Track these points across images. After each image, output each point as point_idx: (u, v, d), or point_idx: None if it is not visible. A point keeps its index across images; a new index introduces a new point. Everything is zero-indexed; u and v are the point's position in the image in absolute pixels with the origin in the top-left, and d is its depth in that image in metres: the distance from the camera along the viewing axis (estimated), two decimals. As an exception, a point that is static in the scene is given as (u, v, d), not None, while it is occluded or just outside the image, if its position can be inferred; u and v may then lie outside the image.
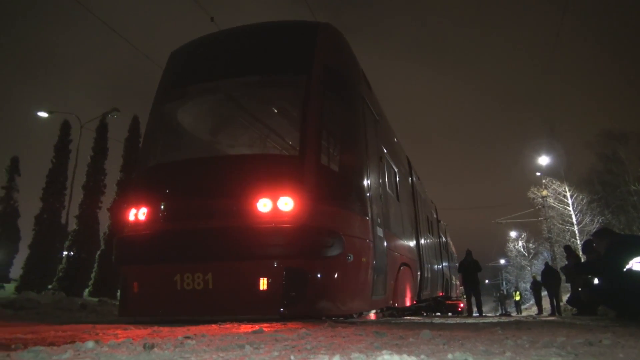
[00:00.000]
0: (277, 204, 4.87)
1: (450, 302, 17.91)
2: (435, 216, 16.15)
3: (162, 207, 5.37)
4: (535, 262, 55.94)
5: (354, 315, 6.09)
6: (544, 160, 31.85)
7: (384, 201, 7.20)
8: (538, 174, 35.59)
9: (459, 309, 17.97)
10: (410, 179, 11.02)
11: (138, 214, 5.49)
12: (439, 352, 1.94)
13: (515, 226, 53.94)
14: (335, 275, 5.06)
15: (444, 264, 16.29)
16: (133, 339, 2.05)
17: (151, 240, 5.24)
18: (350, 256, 5.20)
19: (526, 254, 57.87)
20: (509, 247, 60.51)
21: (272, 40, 6.30)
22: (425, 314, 13.75)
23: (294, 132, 5.77)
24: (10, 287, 29.48)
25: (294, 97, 6.01)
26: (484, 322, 5.53)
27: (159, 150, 6.24)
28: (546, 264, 17.69)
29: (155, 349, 1.75)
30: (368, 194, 6.19)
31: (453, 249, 24.94)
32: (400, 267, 7.86)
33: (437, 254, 14.69)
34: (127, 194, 6.06)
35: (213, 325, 3.47)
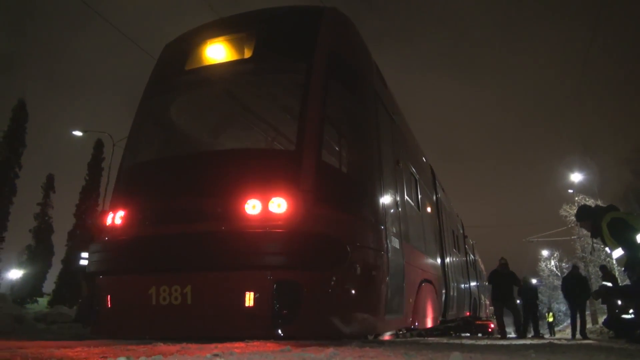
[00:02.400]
0: (268, 206, 4.24)
1: (479, 322, 17.43)
2: (461, 231, 15.43)
3: (138, 210, 4.82)
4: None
5: (369, 337, 5.51)
6: (576, 177, 31.07)
7: (402, 210, 6.51)
8: (570, 191, 34.70)
9: (490, 330, 17.47)
10: (433, 189, 10.24)
11: (115, 218, 4.92)
12: (471, 375, 1.89)
13: (546, 245, 52.46)
14: (338, 291, 4.40)
15: (471, 282, 15.75)
16: (163, 356, 2.07)
17: (124, 247, 4.67)
18: (357, 268, 4.57)
19: (559, 274, 56.09)
20: (540, 266, 58.79)
21: (271, 26, 5.65)
22: (453, 334, 13.41)
23: (292, 125, 5.05)
24: (43, 301, 30.24)
25: (293, 87, 5.37)
26: (516, 345, 5.37)
27: (141, 147, 5.70)
28: (573, 267, 13.83)
29: (185, 367, 1.76)
30: (381, 200, 5.53)
31: (482, 267, 24.32)
32: (421, 284, 7.16)
33: (464, 272, 13.92)
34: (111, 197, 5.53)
35: (240, 342, 3.47)
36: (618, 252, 5.62)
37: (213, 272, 4.18)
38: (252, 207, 4.25)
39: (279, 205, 4.22)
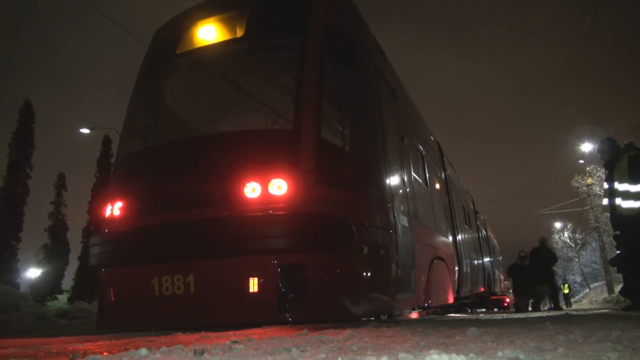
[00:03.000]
0: (268, 188, 4.11)
1: (495, 297, 17.47)
2: (472, 207, 15.26)
3: (136, 199, 4.73)
4: (583, 252, 54.00)
5: (383, 317, 5.53)
6: (586, 147, 30.62)
7: (409, 187, 6.36)
8: (581, 161, 34.34)
9: (505, 304, 17.51)
10: (441, 165, 10.09)
11: (113, 208, 4.82)
12: (488, 349, 1.90)
13: (559, 217, 52.15)
14: (345, 272, 4.33)
15: (484, 258, 15.74)
16: (183, 345, 2.11)
17: (124, 238, 4.57)
18: (364, 248, 4.46)
19: (573, 245, 55.95)
20: (554, 238, 58.63)
21: (263, 2, 5.48)
22: (469, 310, 13.47)
23: (289, 104, 4.90)
24: (62, 298, 30.79)
25: (288, 64, 5.18)
26: (532, 317, 5.39)
27: (136, 136, 5.59)
28: (540, 241, 12.37)
29: (206, 355, 1.80)
30: (387, 178, 5.38)
31: (495, 242, 24.28)
32: (432, 261, 7.08)
33: (476, 248, 13.81)
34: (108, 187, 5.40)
35: (258, 329, 3.52)
36: (630, 187, 5.76)
37: (214, 259, 4.10)
38: (252, 190, 4.13)
39: (279, 187, 4.10)
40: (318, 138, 4.43)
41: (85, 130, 25.00)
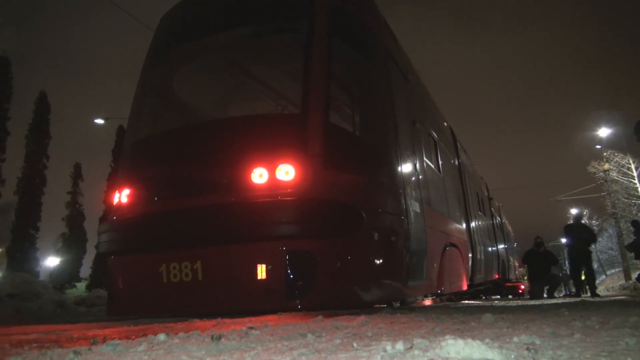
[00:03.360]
0: (276, 174, 4.05)
1: (509, 284, 17.39)
2: (486, 194, 15.08)
3: (143, 186, 4.70)
4: (600, 239, 53.39)
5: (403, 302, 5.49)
6: (604, 132, 30.11)
7: (421, 173, 6.26)
8: (598, 146, 33.74)
9: (520, 291, 17.42)
10: (454, 151, 9.93)
11: (121, 196, 4.80)
12: (503, 335, 1.90)
13: (576, 203, 51.48)
14: (355, 259, 4.25)
15: (499, 244, 15.64)
16: (200, 331, 2.14)
17: (131, 225, 4.55)
18: (374, 235, 4.39)
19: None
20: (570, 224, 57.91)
21: None
22: (484, 297, 13.44)
23: (296, 87, 4.77)
24: (81, 286, 31.37)
25: (295, 46, 5.06)
26: (548, 304, 5.36)
27: (142, 123, 5.52)
28: (576, 218, 11.84)
29: (223, 340, 1.82)
30: (398, 163, 5.27)
31: (509, 228, 24.09)
32: (445, 248, 6.99)
33: (490, 234, 13.67)
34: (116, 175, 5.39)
35: (273, 315, 3.56)
36: None
37: (222, 246, 4.06)
38: (259, 176, 4.07)
39: (287, 172, 4.04)
40: (326, 122, 4.33)
41: (99, 121, 25.21)
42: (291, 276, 3.86)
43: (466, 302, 8.70)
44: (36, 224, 27.57)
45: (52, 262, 33.89)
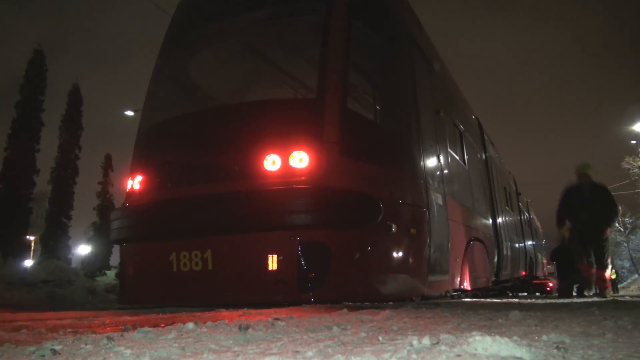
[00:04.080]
0: (289, 161, 3.88)
1: (537, 281, 17.07)
2: (514, 188, 14.70)
3: (154, 173, 4.60)
4: (633, 237, 51.81)
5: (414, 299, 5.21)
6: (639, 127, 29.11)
7: (445, 164, 6.02)
8: (633, 142, 32.67)
9: (548, 289, 17.09)
10: (481, 143, 9.65)
11: (134, 182, 4.72)
12: (532, 333, 1.87)
13: (607, 199, 49.92)
14: (371, 251, 4.08)
15: (527, 241, 15.31)
16: (227, 321, 2.18)
17: (142, 212, 4.47)
18: (392, 226, 4.16)
19: (622, 229, 53.74)
20: (601, 222, 56.31)
21: None
22: (510, 294, 13.24)
23: (313, 71, 4.58)
24: (110, 274, 32.25)
25: (312, 30, 4.85)
26: (577, 303, 5.25)
27: (157, 109, 5.37)
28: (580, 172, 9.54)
29: (250, 330, 1.85)
30: (420, 152, 5.05)
31: (538, 224, 23.57)
32: (469, 242, 6.75)
33: (517, 230, 13.32)
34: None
35: (298, 307, 3.58)
36: None
37: (232, 234, 3.93)
38: (272, 162, 3.91)
39: (301, 159, 3.87)
40: (343, 107, 4.15)
41: (129, 113, 25.71)
42: (303, 268, 3.72)
43: (492, 299, 8.58)
44: (69, 213, 28.41)
45: (83, 250, 34.95)
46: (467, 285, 6.60)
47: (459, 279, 6.17)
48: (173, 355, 1.37)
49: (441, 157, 5.87)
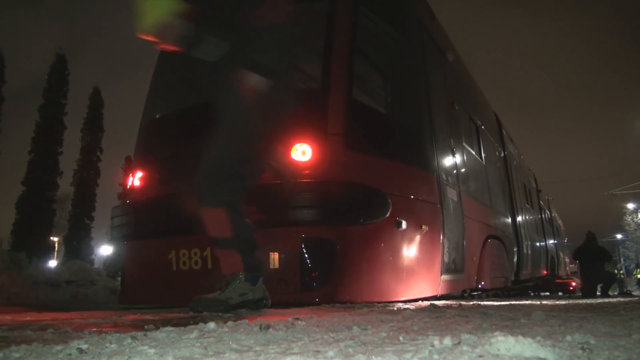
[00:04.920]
0: (291, 154, 3.68)
1: (560, 280, 16.80)
2: (534, 186, 14.47)
3: (152, 169, 4.51)
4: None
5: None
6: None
7: (460, 158, 5.88)
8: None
9: (571, 288, 16.80)
10: (499, 138, 9.47)
11: (134, 179, 4.63)
12: (556, 333, 1.84)
13: (633, 197, 49.01)
14: (380, 248, 3.93)
15: (548, 239, 15.02)
16: (248, 321, 2.19)
17: (140, 209, 4.36)
18: (402, 223, 4.01)
19: (650, 228, 52.57)
20: (626, 220, 55.22)
21: None
22: (532, 294, 13.06)
23: (317, 60, 4.40)
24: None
25: (316, 15, 4.62)
26: (602, 302, 5.15)
27: (155, 105, 5.20)
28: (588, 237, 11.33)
29: (270, 330, 1.86)
30: (432, 146, 4.92)
31: (560, 222, 23.18)
32: (486, 240, 6.59)
33: (538, 228, 13.05)
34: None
35: (319, 307, 3.59)
36: None
37: None
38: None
39: (304, 152, 3.70)
40: (348, 98, 3.96)
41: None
42: (306, 266, 3.57)
43: (513, 298, 8.46)
44: (91, 214, 28.93)
45: (105, 250, 35.54)
46: (484, 284, 6.46)
47: (475, 278, 6.06)
48: (196, 355, 1.39)
49: (456, 152, 5.73)
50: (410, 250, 4.31)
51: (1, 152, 21.67)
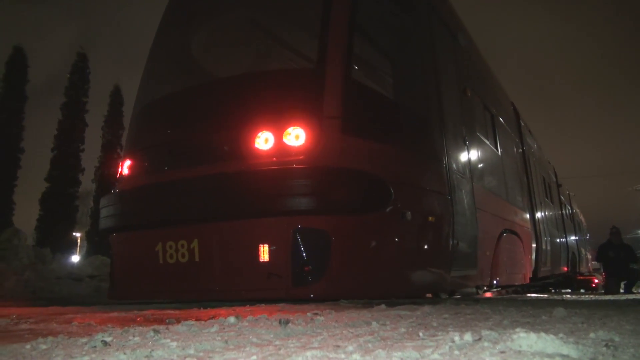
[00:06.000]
0: (283, 138, 3.43)
1: (581, 277, 16.49)
2: (554, 179, 13.95)
3: (140, 157, 4.28)
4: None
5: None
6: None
7: (472, 147, 5.54)
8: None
9: (593, 285, 16.49)
10: (517, 129, 9.06)
11: (123, 168, 4.41)
12: (578, 330, 1.82)
13: (658, 192, 47.85)
14: (380, 240, 3.65)
15: (569, 235, 14.65)
16: (267, 315, 2.21)
17: (128, 198, 4.11)
18: (406, 213, 3.74)
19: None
20: (650, 216, 53.94)
21: None
22: (553, 290, 12.86)
23: (313, 37, 4.05)
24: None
25: None
26: (625, 300, 5.05)
27: (148, 89, 4.91)
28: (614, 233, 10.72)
29: (290, 324, 1.88)
30: (441, 133, 4.61)
31: (581, 218, 22.67)
32: (502, 234, 6.21)
33: (559, 223, 12.60)
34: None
35: (334, 303, 3.60)
36: None
37: (219, 222, 3.52)
38: (264, 140, 3.48)
39: (297, 136, 3.43)
40: (346, 78, 3.65)
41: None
42: (299, 259, 3.30)
43: (534, 295, 8.35)
44: (112, 210, 29.22)
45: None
46: (499, 280, 6.18)
47: (490, 274, 5.71)
48: (217, 348, 1.40)
49: (468, 141, 5.38)
50: (415, 243, 4.04)
51: (25, 150, 22.11)
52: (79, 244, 36.47)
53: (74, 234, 28.94)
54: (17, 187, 20.85)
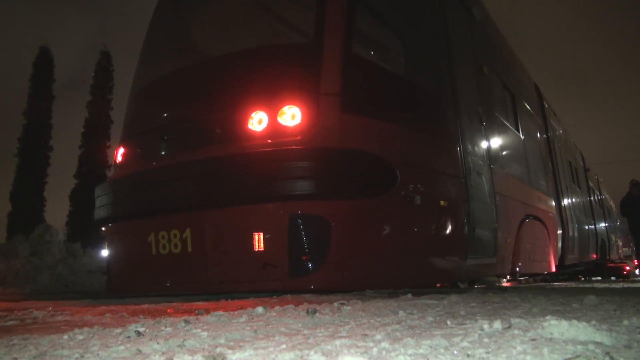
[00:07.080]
0: (278, 118, 3.18)
1: (612, 264, 16.10)
2: (582, 164, 13.44)
3: (132, 143, 4.11)
4: None
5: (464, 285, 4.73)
6: None
7: (490, 128, 5.20)
8: None
9: (625, 272, 16.09)
10: (539, 110, 8.64)
11: (117, 155, 4.23)
12: (611, 318, 1.78)
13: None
14: (385, 226, 3.43)
15: (598, 222, 14.18)
16: (295, 305, 2.23)
17: (118, 187, 3.94)
18: (415, 197, 3.49)
19: None
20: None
21: None
22: (583, 278, 12.61)
23: (310, 7, 3.74)
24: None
25: None
26: (659, 286, 4.93)
27: (143, 75, 4.68)
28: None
29: (317, 314, 1.89)
30: (455, 112, 4.34)
31: (611, 204, 22.05)
32: (524, 221, 5.88)
33: (587, 209, 12.09)
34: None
35: (362, 293, 3.60)
36: None
37: (211, 209, 3.31)
38: (258, 121, 3.24)
39: (293, 115, 3.18)
40: (346, 53, 3.36)
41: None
42: (296, 248, 3.09)
43: (563, 283, 8.20)
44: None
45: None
46: (521, 269, 5.88)
47: (511, 262, 5.41)
48: (246, 337, 1.43)
49: (485, 121, 5.06)
50: (426, 230, 3.81)
51: (53, 147, 22.64)
52: (107, 238, 37.23)
53: (103, 229, 29.56)
54: (47, 185, 21.41)
